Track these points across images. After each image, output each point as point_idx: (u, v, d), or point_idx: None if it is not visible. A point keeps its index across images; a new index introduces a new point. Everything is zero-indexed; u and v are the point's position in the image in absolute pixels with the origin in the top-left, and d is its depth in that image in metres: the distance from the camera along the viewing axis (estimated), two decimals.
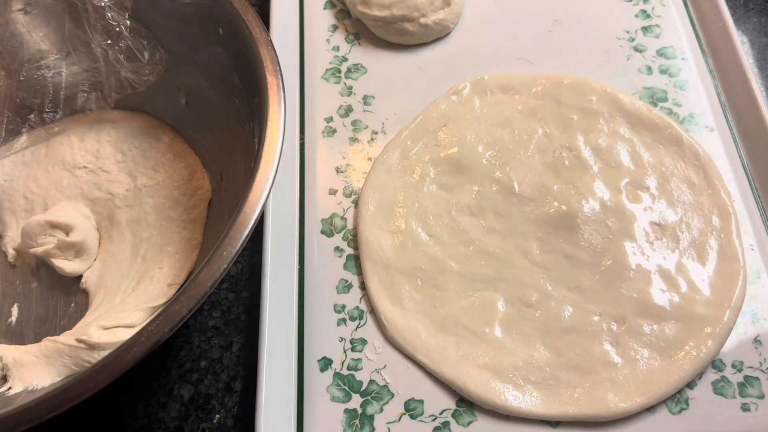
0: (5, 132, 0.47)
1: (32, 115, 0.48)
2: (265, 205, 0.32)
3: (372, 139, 0.49)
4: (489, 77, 0.51)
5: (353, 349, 0.41)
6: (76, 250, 0.43)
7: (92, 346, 0.37)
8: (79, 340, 0.37)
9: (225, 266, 0.30)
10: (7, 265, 0.44)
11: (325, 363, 0.41)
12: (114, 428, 0.40)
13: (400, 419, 0.39)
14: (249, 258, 0.46)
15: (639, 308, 0.41)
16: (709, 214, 0.44)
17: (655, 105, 0.50)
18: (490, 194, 0.46)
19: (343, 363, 0.41)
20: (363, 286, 0.43)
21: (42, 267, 0.44)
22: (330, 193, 0.47)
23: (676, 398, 0.39)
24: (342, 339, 0.41)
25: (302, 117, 0.50)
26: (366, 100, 0.51)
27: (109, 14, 0.44)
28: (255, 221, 0.32)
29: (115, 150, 0.47)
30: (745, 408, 0.38)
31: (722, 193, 0.45)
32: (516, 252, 0.43)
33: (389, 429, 0.39)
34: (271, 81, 0.36)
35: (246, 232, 0.31)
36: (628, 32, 0.54)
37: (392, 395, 0.40)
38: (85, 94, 0.48)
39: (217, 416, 0.40)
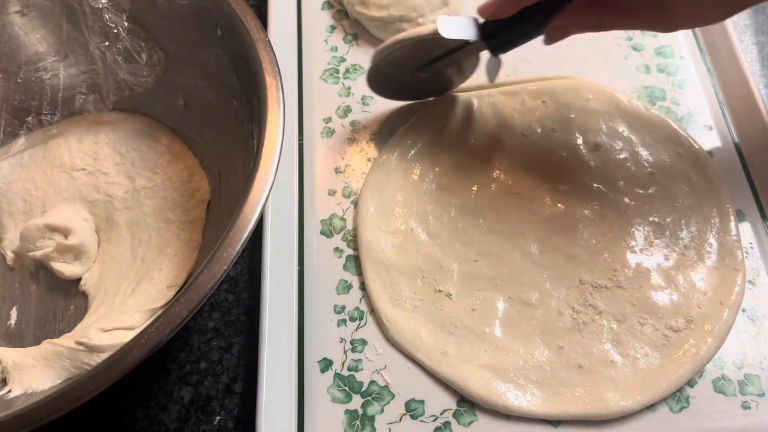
0: (3, 134, 0.47)
1: (30, 118, 0.48)
2: (264, 206, 0.32)
3: (371, 140, 0.49)
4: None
5: (353, 350, 0.41)
6: (75, 252, 0.43)
7: (92, 349, 0.37)
8: (79, 343, 0.37)
9: (225, 268, 0.30)
10: (6, 267, 0.44)
11: (326, 364, 0.41)
12: (114, 430, 0.40)
13: (401, 419, 0.39)
14: (248, 259, 0.46)
15: (639, 307, 0.41)
16: (707, 213, 0.44)
17: (654, 104, 0.50)
18: (489, 194, 0.46)
19: (343, 364, 0.41)
20: (363, 287, 0.43)
21: (41, 269, 0.44)
22: (329, 194, 0.47)
23: (677, 396, 0.39)
24: (342, 340, 0.41)
25: (301, 118, 0.50)
26: (365, 100, 0.51)
27: (107, 16, 0.44)
28: (255, 222, 0.32)
29: (113, 152, 0.47)
30: (745, 406, 0.39)
31: (721, 191, 0.45)
32: (516, 251, 0.43)
33: (390, 429, 0.39)
34: (270, 82, 0.36)
35: (246, 234, 0.31)
36: (626, 31, 0.54)
37: (393, 396, 0.39)
38: (83, 96, 0.48)
39: (218, 418, 0.40)
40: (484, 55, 0.43)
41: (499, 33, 0.40)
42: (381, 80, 0.47)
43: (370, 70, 0.46)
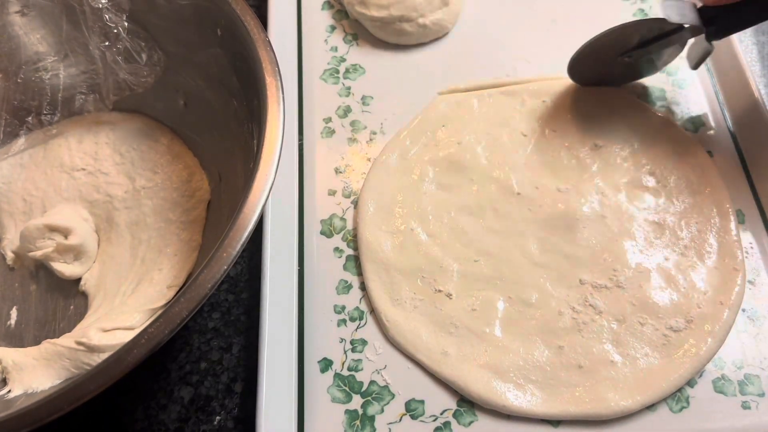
0: (3, 134, 0.47)
1: (30, 118, 0.48)
2: (264, 206, 0.32)
3: (371, 140, 0.49)
4: (486, 78, 0.51)
5: (353, 350, 0.41)
6: (75, 253, 0.43)
7: (92, 349, 0.37)
8: (79, 343, 0.37)
9: (225, 268, 0.30)
10: (6, 267, 0.44)
11: (326, 364, 0.41)
12: (114, 430, 0.40)
13: (401, 420, 0.39)
14: (248, 259, 0.46)
15: (639, 307, 0.41)
16: (708, 213, 0.44)
17: (654, 104, 0.50)
18: (489, 194, 0.46)
19: (343, 364, 0.41)
20: (363, 287, 0.43)
21: (41, 269, 0.44)
22: (329, 194, 0.47)
23: (677, 396, 0.39)
24: (342, 340, 0.41)
25: (300, 118, 0.50)
26: (364, 100, 0.51)
27: (107, 16, 0.44)
28: (255, 222, 0.32)
29: (113, 152, 0.47)
30: (745, 406, 0.39)
31: (721, 191, 0.45)
32: (516, 251, 0.43)
33: (390, 429, 0.39)
34: (270, 82, 0.36)
35: (246, 234, 0.31)
36: None
37: (393, 396, 0.39)
38: (83, 96, 0.48)
39: (218, 418, 0.40)
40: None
41: (721, 18, 0.41)
42: (582, 66, 0.47)
43: (577, 57, 0.46)
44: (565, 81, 0.50)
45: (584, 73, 0.48)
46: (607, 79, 0.49)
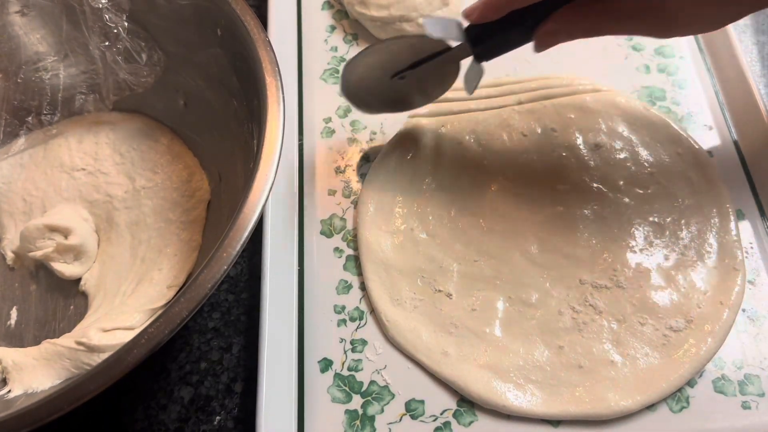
0: (3, 134, 0.47)
1: (30, 118, 0.48)
2: (264, 206, 0.32)
3: (371, 140, 0.49)
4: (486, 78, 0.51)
5: (353, 350, 0.41)
6: (75, 253, 0.43)
7: (92, 349, 0.37)
8: (79, 343, 0.37)
9: (225, 268, 0.30)
10: (6, 267, 0.44)
11: (326, 364, 0.41)
12: (114, 430, 0.40)
13: (401, 420, 0.39)
14: (248, 259, 0.46)
15: (639, 307, 0.41)
16: (708, 213, 0.44)
17: (654, 104, 0.50)
18: (489, 194, 0.46)
19: (343, 364, 0.41)
20: (363, 287, 0.43)
21: (41, 269, 0.44)
22: (329, 194, 0.47)
23: (677, 396, 0.39)
24: (342, 340, 0.41)
25: (301, 118, 0.50)
26: None
27: (107, 16, 0.44)
28: (255, 222, 0.32)
29: (113, 152, 0.47)
30: (745, 406, 0.39)
31: (721, 191, 0.45)
32: (516, 251, 0.43)
33: (390, 429, 0.39)
34: (270, 82, 0.36)
35: (246, 234, 0.31)
36: None
37: (393, 396, 0.39)
38: (83, 96, 0.48)
39: (218, 418, 0.40)
40: (464, 65, 0.42)
41: (486, 38, 0.39)
42: (356, 89, 0.44)
43: (344, 75, 0.43)
44: (565, 81, 0.50)
45: (360, 97, 0.44)
46: (385, 104, 0.46)
